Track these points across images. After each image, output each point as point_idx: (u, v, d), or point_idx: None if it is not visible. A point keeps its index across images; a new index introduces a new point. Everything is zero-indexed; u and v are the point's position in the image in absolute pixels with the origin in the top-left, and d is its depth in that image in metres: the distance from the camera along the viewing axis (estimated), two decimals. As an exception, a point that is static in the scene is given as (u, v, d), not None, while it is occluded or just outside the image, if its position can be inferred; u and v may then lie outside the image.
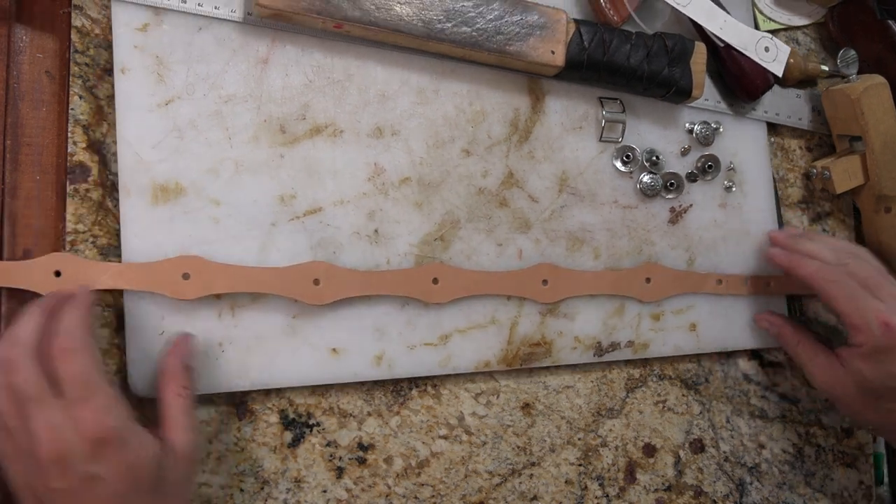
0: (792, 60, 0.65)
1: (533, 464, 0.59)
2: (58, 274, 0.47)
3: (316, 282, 0.51)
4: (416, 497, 0.55)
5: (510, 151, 0.58)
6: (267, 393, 0.52)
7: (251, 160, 0.52)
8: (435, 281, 0.54)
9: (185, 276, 0.49)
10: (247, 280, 0.50)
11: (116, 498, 0.39)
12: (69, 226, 0.49)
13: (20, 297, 0.49)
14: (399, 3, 0.52)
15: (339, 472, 0.54)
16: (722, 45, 0.62)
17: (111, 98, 0.50)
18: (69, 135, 0.49)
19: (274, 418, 0.52)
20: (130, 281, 0.48)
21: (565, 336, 0.59)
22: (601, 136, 0.61)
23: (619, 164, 0.61)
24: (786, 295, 0.67)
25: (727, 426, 0.65)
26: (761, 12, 0.68)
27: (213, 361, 0.50)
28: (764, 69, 0.62)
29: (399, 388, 0.56)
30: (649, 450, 0.63)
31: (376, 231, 0.54)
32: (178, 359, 0.47)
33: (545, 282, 0.57)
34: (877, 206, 0.66)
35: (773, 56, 0.62)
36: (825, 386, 0.59)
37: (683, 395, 0.64)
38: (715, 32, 0.61)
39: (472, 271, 0.56)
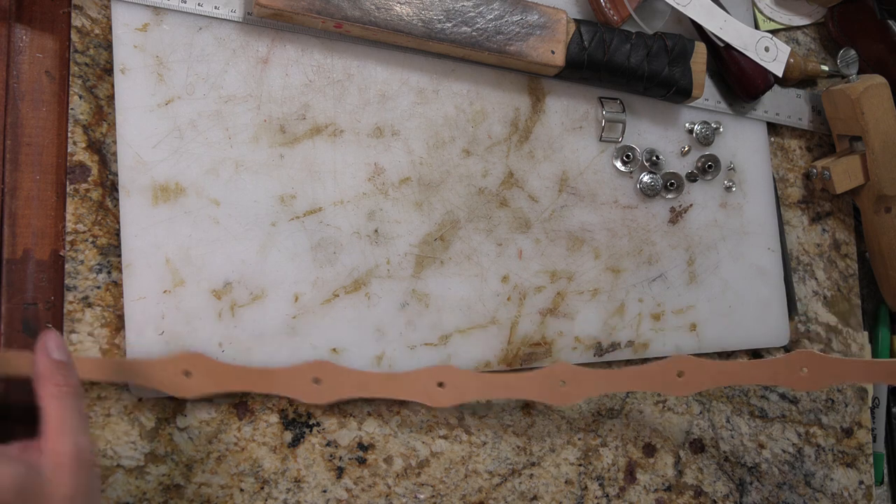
0: (792, 60, 0.65)
1: (533, 464, 0.59)
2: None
3: (316, 381, 0.51)
4: (416, 497, 0.55)
5: (510, 151, 0.58)
6: (267, 393, 0.52)
7: (251, 160, 0.52)
8: (440, 385, 0.53)
9: (187, 374, 0.48)
10: (251, 380, 0.50)
11: None
12: (69, 226, 0.49)
13: (19, 298, 0.49)
14: (399, 3, 0.52)
15: (339, 472, 0.54)
16: (722, 45, 0.62)
17: (111, 98, 0.50)
18: (69, 135, 0.49)
19: (274, 418, 0.52)
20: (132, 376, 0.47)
21: (565, 336, 0.59)
22: (601, 136, 0.61)
23: (619, 164, 0.61)
24: None
25: (727, 426, 0.65)
26: (761, 12, 0.68)
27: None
28: (764, 69, 0.62)
29: (399, 388, 0.56)
30: (649, 450, 0.63)
31: (376, 231, 0.54)
32: (44, 355, 0.41)
33: (562, 382, 0.54)
34: (877, 206, 0.66)
35: (773, 56, 0.62)
36: None
37: (683, 395, 0.64)
38: (715, 32, 0.61)
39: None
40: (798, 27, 0.70)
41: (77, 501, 0.37)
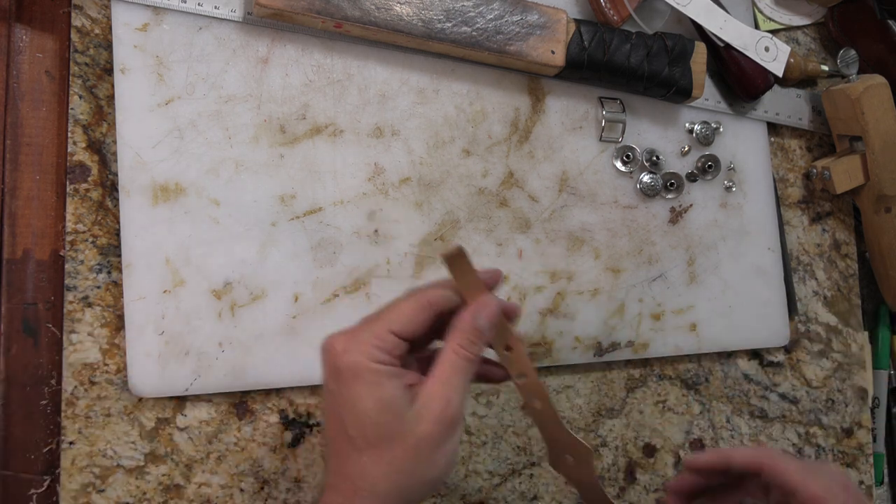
0: (792, 60, 0.65)
1: (533, 464, 0.59)
2: None
3: None
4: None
5: (510, 151, 0.58)
6: (267, 393, 0.52)
7: (251, 160, 0.52)
8: None
9: None
10: None
11: (335, 421, 0.40)
12: (69, 226, 0.49)
13: (19, 298, 0.49)
14: (399, 2, 0.52)
15: (339, 472, 0.54)
16: (722, 45, 0.62)
17: (111, 98, 0.50)
18: (69, 135, 0.49)
19: (274, 418, 0.52)
20: None
21: (565, 336, 0.59)
22: (601, 136, 0.61)
23: (619, 164, 0.61)
24: None
25: (727, 426, 0.65)
26: (761, 12, 0.68)
27: (214, 361, 0.50)
28: (764, 69, 0.62)
29: (399, 388, 0.56)
30: (649, 450, 0.63)
31: (376, 231, 0.54)
32: (470, 315, 0.42)
33: None
34: (877, 206, 0.66)
35: (773, 56, 0.62)
36: None
37: (683, 395, 0.64)
38: (715, 32, 0.61)
39: None
40: (798, 27, 0.70)
41: (425, 447, 0.40)
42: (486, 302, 0.42)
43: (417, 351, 0.44)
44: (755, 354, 0.67)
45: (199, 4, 0.50)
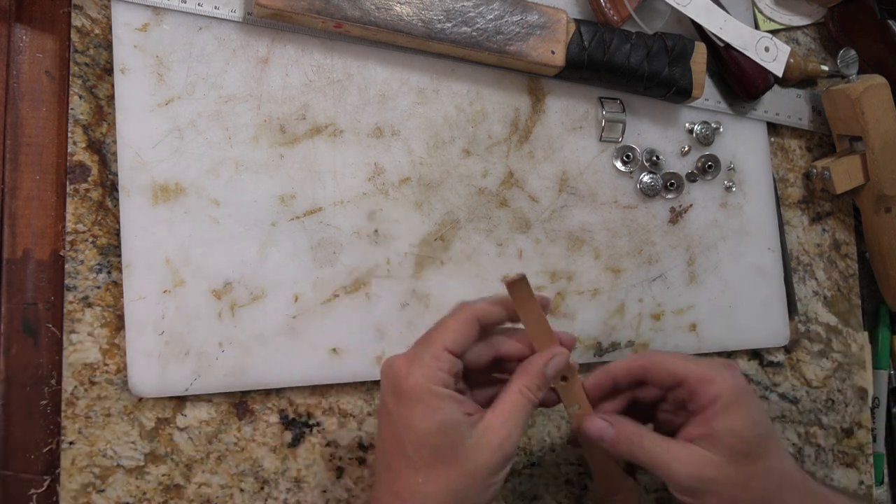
0: (792, 60, 0.65)
1: (533, 464, 0.59)
2: None
3: None
4: None
5: (510, 151, 0.58)
6: (267, 393, 0.52)
7: (251, 160, 0.52)
8: None
9: None
10: None
11: (392, 439, 0.42)
12: (69, 226, 0.49)
13: (19, 298, 0.49)
14: (399, 3, 0.52)
15: (339, 472, 0.54)
16: (722, 45, 0.62)
17: (111, 98, 0.50)
18: (69, 135, 0.49)
19: (274, 418, 0.52)
20: None
21: (565, 336, 0.59)
22: (601, 136, 0.61)
23: (619, 164, 0.61)
24: None
25: (727, 426, 0.65)
26: (761, 12, 0.68)
27: (214, 361, 0.50)
28: (764, 69, 0.62)
29: (399, 388, 0.56)
30: (649, 450, 0.62)
31: (376, 231, 0.54)
32: (542, 364, 0.45)
33: None
34: (877, 207, 0.66)
35: (773, 56, 0.62)
36: (694, 476, 0.45)
37: None
38: (715, 32, 0.61)
39: None
40: (798, 27, 0.70)
41: (481, 475, 0.42)
42: (557, 352, 0.45)
43: (475, 384, 0.47)
44: (755, 354, 0.67)
45: (199, 4, 0.50)
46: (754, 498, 0.46)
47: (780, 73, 0.63)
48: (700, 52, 0.60)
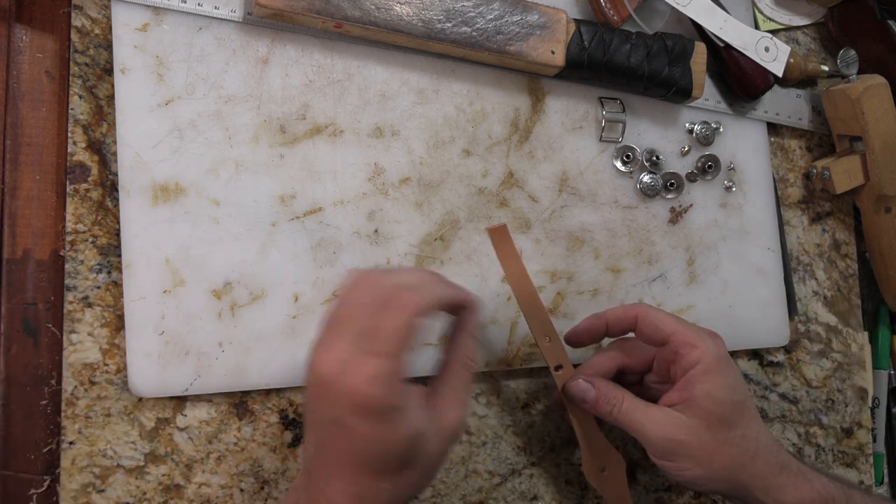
0: (792, 60, 0.65)
1: (533, 464, 0.59)
2: None
3: None
4: (415, 497, 0.55)
5: (510, 151, 0.58)
6: (267, 393, 0.52)
7: (251, 160, 0.52)
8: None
9: None
10: None
11: (354, 457, 0.38)
12: (69, 226, 0.49)
13: (19, 298, 0.49)
14: (399, 3, 0.52)
15: (339, 472, 0.54)
16: (722, 45, 0.62)
17: (111, 98, 0.50)
18: (69, 135, 0.49)
19: (274, 418, 0.52)
20: None
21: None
22: (601, 136, 0.61)
23: (619, 164, 0.61)
24: None
25: (727, 426, 0.65)
26: (761, 12, 0.68)
27: (214, 361, 0.50)
28: (764, 69, 0.62)
29: (399, 388, 0.56)
30: (649, 450, 0.62)
31: (376, 231, 0.54)
32: (468, 333, 0.44)
33: None
34: (877, 207, 0.66)
35: (773, 56, 0.62)
36: (670, 438, 0.47)
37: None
38: (715, 32, 0.61)
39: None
40: (798, 27, 0.70)
41: (437, 461, 0.41)
42: (471, 318, 0.44)
43: None
44: (755, 354, 0.67)
45: (199, 4, 0.50)
46: (728, 463, 0.47)
47: (780, 73, 0.63)
48: (700, 52, 0.60)
